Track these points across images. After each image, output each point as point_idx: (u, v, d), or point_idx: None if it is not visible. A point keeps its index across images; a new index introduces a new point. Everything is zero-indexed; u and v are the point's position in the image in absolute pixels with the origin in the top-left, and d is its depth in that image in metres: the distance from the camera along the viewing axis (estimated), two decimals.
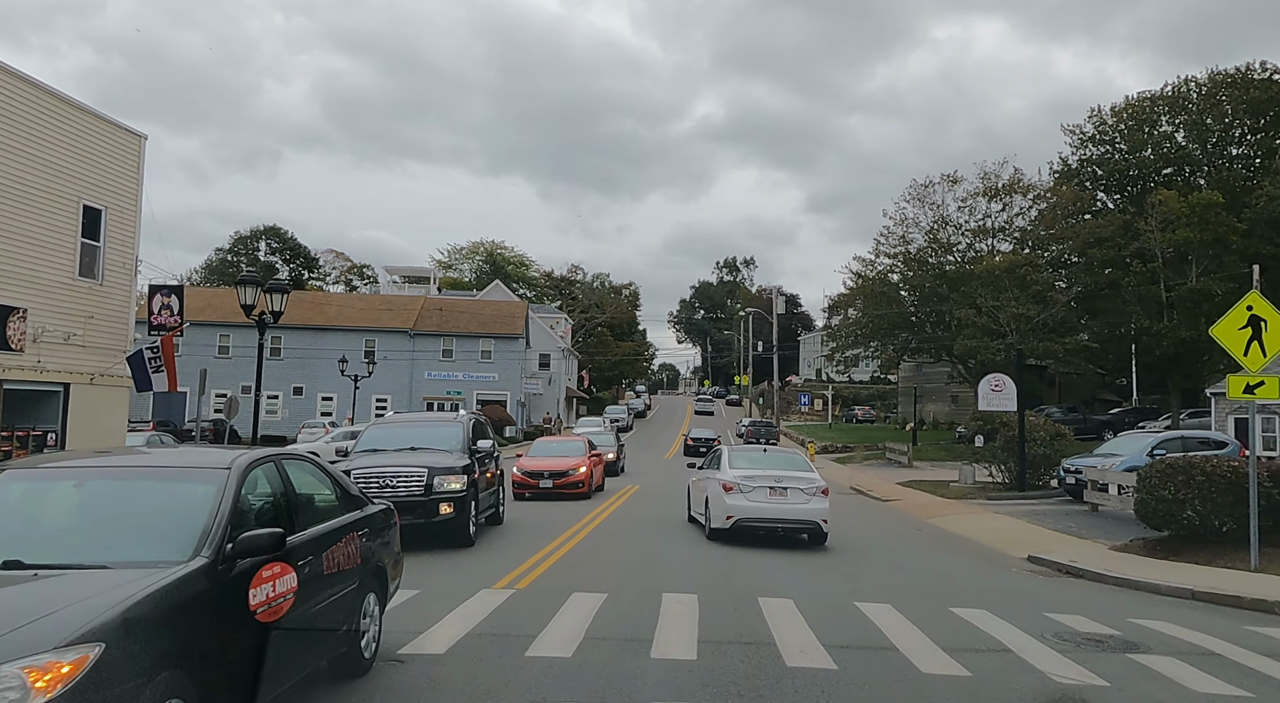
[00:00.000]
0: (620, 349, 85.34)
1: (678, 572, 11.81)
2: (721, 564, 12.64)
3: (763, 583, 11.01)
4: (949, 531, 18.20)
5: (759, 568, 12.39)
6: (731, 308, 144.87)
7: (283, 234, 78.94)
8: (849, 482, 30.47)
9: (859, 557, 14.46)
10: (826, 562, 13.61)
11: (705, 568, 12.26)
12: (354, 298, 61.10)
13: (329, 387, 53.41)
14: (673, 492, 22.53)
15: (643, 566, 12.37)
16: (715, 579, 11.26)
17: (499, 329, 55.38)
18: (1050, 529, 17.15)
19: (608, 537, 15.80)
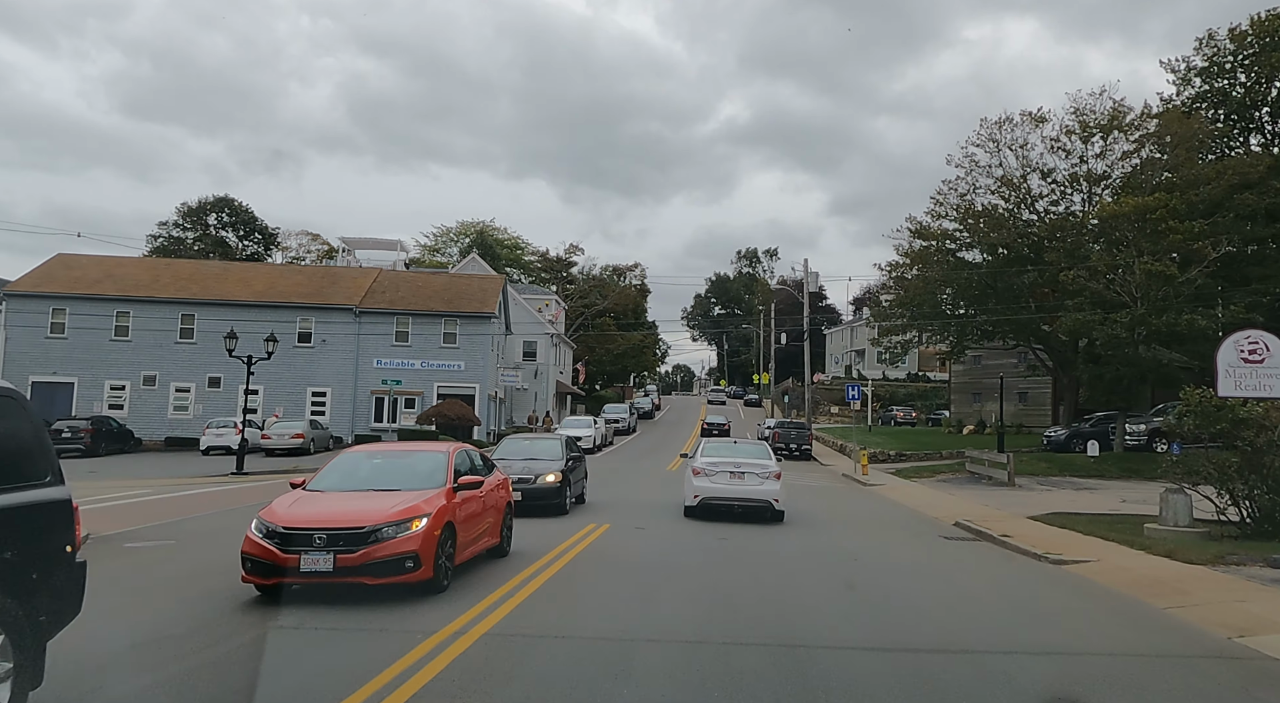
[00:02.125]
0: (625, 341, 74.65)
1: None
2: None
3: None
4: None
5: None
6: (750, 303, 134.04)
7: (236, 206, 68.88)
8: (948, 513, 19.73)
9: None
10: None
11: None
12: (290, 270, 50.92)
13: (256, 377, 42.96)
14: (671, 560, 12.78)
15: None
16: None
17: (466, 307, 44.88)
18: None
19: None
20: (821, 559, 13.05)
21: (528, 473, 16.74)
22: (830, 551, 14.06)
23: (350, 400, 43.38)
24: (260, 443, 36.76)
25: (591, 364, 74.01)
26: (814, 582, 11.22)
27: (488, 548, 11.06)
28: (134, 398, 41.93)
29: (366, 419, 43.25)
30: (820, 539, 15.46)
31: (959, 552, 14.33)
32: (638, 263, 77.09)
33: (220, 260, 46.12)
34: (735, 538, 14.72)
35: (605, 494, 22.15)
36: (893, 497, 24.87)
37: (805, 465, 39.74)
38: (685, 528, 16.23)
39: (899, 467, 36.36)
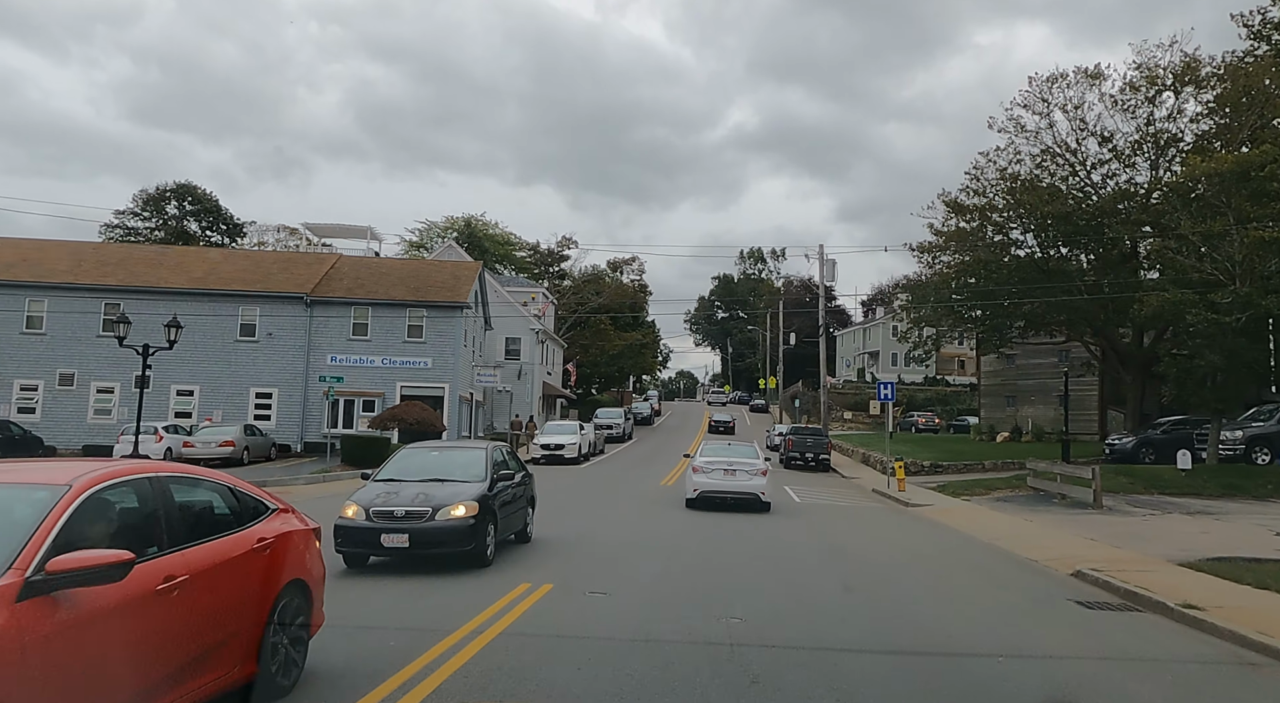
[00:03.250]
0: (622, 340, 68.89)
1: None
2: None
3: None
4: None
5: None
6: (755, 306, 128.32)
7: (199, 194, 63.34)
8: (1051, 553, 13.91)
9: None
10: None
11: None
12: (236, 255, 45.16)
13: (189, 375, 37.45)
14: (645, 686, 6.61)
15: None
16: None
17: (435, 296, 39.23)
18: None
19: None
20: (922, 672, 7.30)
21: (422, 504, 11.02)
22: (917, 635, 8.36)
23: (300, 402, 37.73)
24: (183, 452, 31.13)
25: (585, 366, 68.31)
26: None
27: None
28: (48, 399, 36.33)
29: (319, 423, 37.59)
30: (893, 608, 9.74)
31: (1133, 641, 8.56)
32: (635, 256, 71.32)
33: (158, 244, 40.63)
34: (767, 626, 8.65)
35: (569, 525, 16.45)
36: (953, 524, 19.14)
37: (825, 479, 33.98)
38: (676, 588, 10.54)
39: (939, 481, 30.60)
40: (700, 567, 12.06)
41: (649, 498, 23.07)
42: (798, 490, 26.73)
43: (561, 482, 28.27)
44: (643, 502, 21.92)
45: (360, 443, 29.33)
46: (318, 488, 25.43)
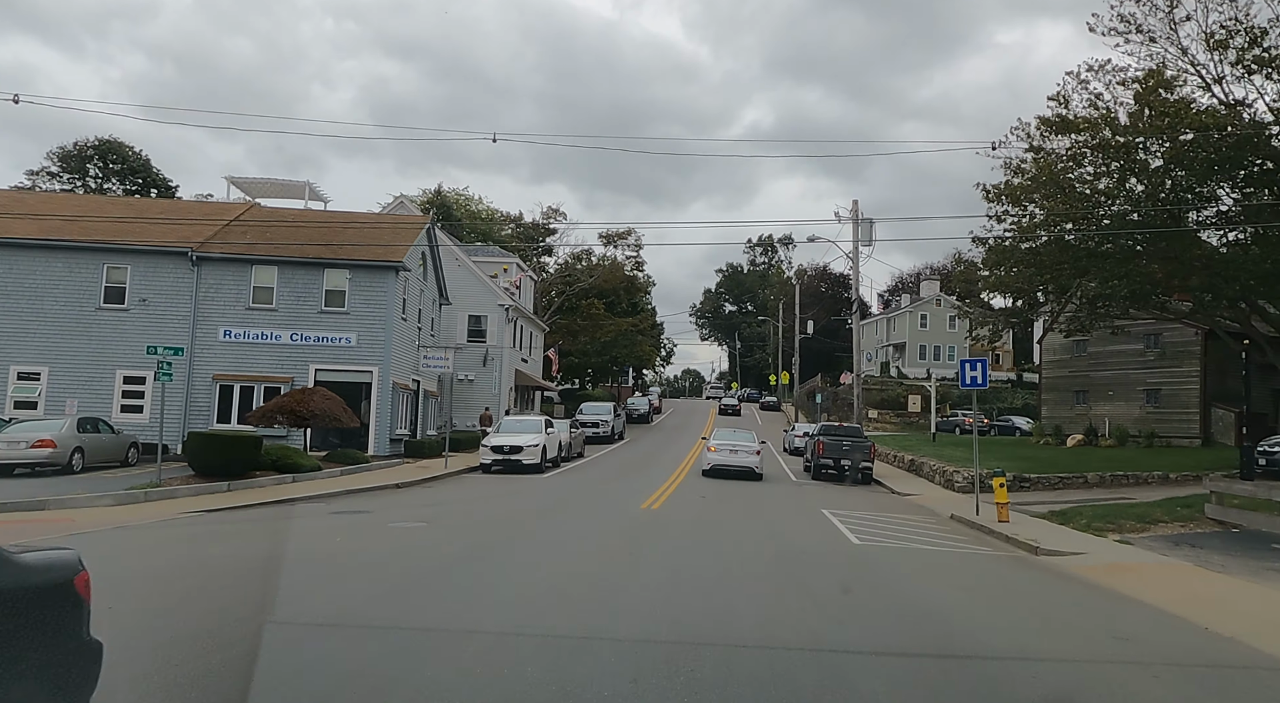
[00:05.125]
0: (616, 326, 59.96)
1: None
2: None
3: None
4: None
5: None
6: (765, 297, 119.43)
7: (127, 152, 54.65)
8: None
9: None
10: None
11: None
12: (109, 201, 36.19)
13: (35, 353, 28.69)
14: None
15: None
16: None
17: (363, 254, 30.41)
18: None
19: None
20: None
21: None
22: None
23: (183, 389, 28.92)
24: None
25: (573, 355, 59.42)
26: None
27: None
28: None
29: (208, 415, 28.84)
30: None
31: None
32: (630, 229, 62.34)
33: (16, 191, 31.95)
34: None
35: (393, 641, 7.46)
36: (1183, 611, 10.09)
37: (872, 496, 25.07)
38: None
39: (1040, 502, 21.63)
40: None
41: (619, 535, 14.15)
42: (846, 518, 17.83)
43: (495, 504, 19.41)
44: (605, 548, 12.96)
45: (218, 445, 20.49)
46: (128, 512, 16.70)
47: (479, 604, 8.36)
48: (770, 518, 18.18)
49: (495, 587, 9.26)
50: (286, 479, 21.67)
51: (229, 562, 11.01)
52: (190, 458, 20.71)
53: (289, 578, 9.47)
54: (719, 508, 19.61)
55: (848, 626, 8.29)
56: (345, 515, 16.38)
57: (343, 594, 8.67)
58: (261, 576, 9.76)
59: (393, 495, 20.55)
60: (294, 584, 9.08)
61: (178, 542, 13.31)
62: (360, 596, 8.59)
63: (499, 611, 8.15)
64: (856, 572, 11.66)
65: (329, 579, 9.56)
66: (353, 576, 9.89)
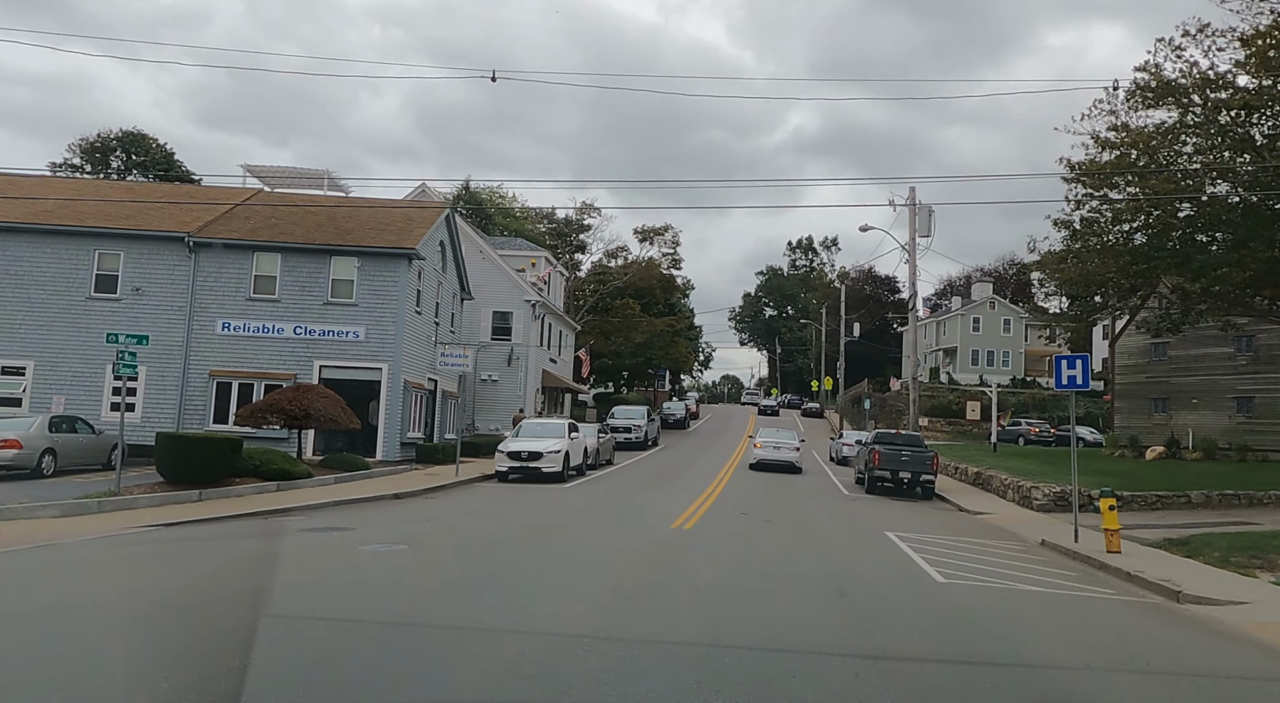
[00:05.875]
0: (650, 326, 57.06)
1: None
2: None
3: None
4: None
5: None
6: (806, 301, 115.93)
7: (151, 145, 53.12)
8: None
9: None
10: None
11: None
12: (108, 186, 34.16)
13: (21, 345, 26.58)
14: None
15: None
16: None
17: (373, 240, 27.93)
18: None
19: None
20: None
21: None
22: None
23: (177, 385, 26.66)
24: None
25: (606, 357, 56.61)
26: None
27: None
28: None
29: (204, 414, 26.53)
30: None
31: None
32: (668, 225, 59.42)
33: (13, 174, 30.08)
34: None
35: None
36: None
37: (939, 514, 21.87)
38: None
39: (1135, 525, 18.33)
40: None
41: (639, 566, 11.22)
42: (917, 545, 14.74)
43: (496, 520, 16.61)
44: (619, 587, 9.99)
45: (188, 448, 17.94)
46: (71, 525, 14.22)
47: (410, 689, 5.52)
48: (827, 543, 15.15)
49: (448, 661, 6.42)
50: (270, 487, 19.10)
51: (124, 603, 8.32)
52: (159, 462, 18.21)
53: (186, 630, 6.78)
54: (763, 529, 16.61)
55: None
56: (317, 534, 13.70)
57: (222, 672, 5.89)
58: (149, 627, 7.08)
59: (385, 509, 17.85)
60: (188, 639, 6.36)
61: (94, 569, 10.69)
62: (255, 669, 5.81)
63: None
64: (960, 632, 8.63)
65: (229, 636, 6.80)
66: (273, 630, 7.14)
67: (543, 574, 10.47)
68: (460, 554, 11.90)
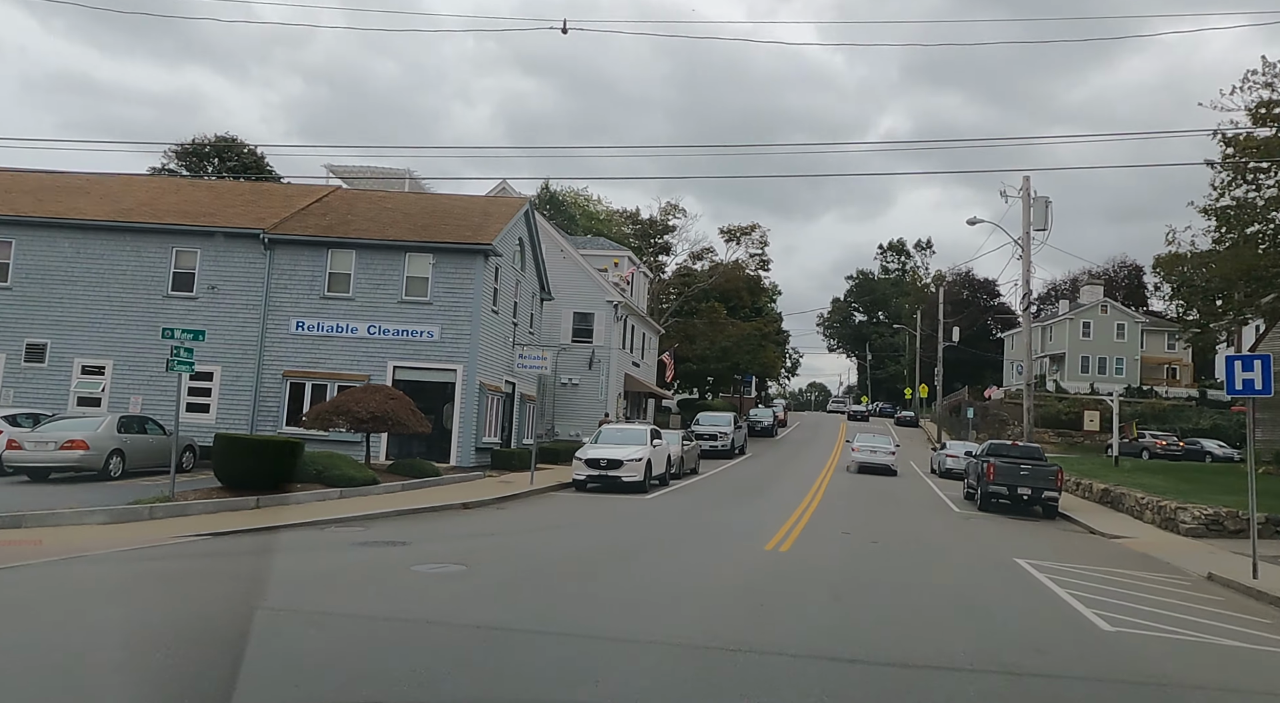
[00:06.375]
0: (737, 329, 54.98)
1: None
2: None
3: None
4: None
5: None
6: (899, 306, 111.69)
7: (244, 151, 53.91)
8: None
9: None
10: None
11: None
12: (190, 184, 34.07)
13: (101, 344, 26.35)
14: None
15: None
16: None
17: (448, 236, 26.82)
18: None
19: None
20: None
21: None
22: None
23: (251, 386, 26.03)
24: (8, 456, 19.68)
25: (691, 362, 54.74)
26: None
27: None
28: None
29: (277, 415, 25.80)
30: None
31: None
32: (755, 224, 57.20)
33: (99, 173, 30.21)
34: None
35: None
36: None
37: (1067, 536, 19.25)
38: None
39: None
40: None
41: (732, 601, 9.32)
42: (1059, 576, 12.43)
43: (569, 537, 14.94)
44: (708, 628, 8.08)
45: (245, 451, 16.87)
46: (117, 533, 13.27)
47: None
48: (949, 573, 12.98)
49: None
50: (332, 494, 17.92)
51: (103, 639, 6.92)
52: (216, 466, 17.21)
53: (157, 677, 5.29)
54: (871, 553, 14.51)
55: None
56: (369, 549, 12.29)
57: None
58: (113, 675, 5.61)
59: (451, 520, 16.43)
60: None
61: (104, 590, 9.42)
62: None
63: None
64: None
65: (206, 688, 5.26)
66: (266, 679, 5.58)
67: (610, 613, 8.71)
68: (519, 581, 10.24)
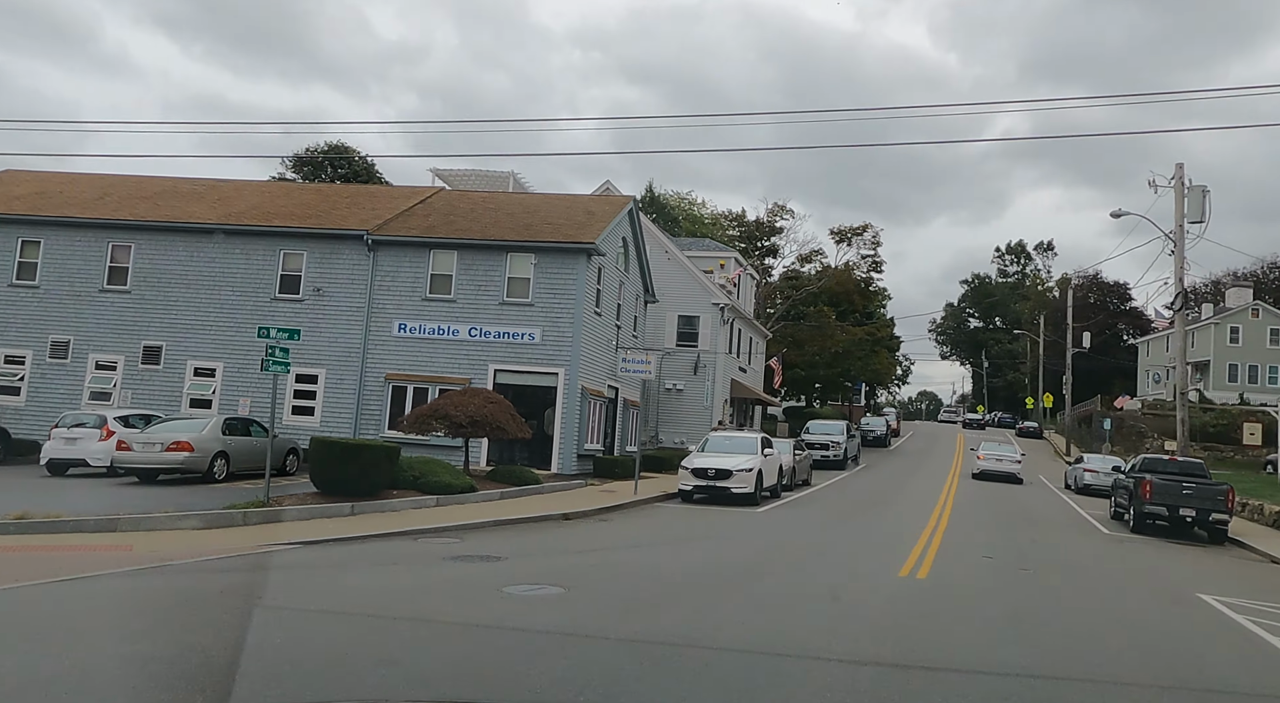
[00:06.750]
0: (850, 335, 52.65)
1: None
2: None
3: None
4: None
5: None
6: (1018, 311, 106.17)
7: (355, 160, 55.04)
8: None
9: None
10: None
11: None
12: (299, 189, 34.31)
13: (212, 347, 26.62)
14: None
15: None
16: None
17: (550, 235, 25.99)
18: None
19: None
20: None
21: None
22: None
23: (354, 389, 25.79)
24: (119, 457, 19.78)
25: (798, 368, 52.71)
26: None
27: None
28: (36, 375, 26.81)
29: (380, 419, 25.47)
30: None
31: None
32: (867, 224, 54.71)
33: (215, 179, 30.86)
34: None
35: None
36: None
37: (1256, 569, 16.70)
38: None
39: None
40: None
41: (876, 637, 7.80)
42: (1258, 616, 10.36)
43: (679, 554, 13.58)
44: (851, 682, 6.68)
45: (340, 455, 16.24)
46: (209, 539, 12.78)
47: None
48: (1126, 611, 11.04)
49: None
50: (428, 502, 17.15)
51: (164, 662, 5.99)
52: (312, 471, 16.69)
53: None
54: (1023, 582, 12.65)
55: None
56: (460, 564, 11.30)
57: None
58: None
59: (550, 532, 15.36)
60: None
61: (184, 602, 8.64)
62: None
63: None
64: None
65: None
66: None
67: (725, 649, 7.32)
68: (623, 608, 8.98)
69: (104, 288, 26.86)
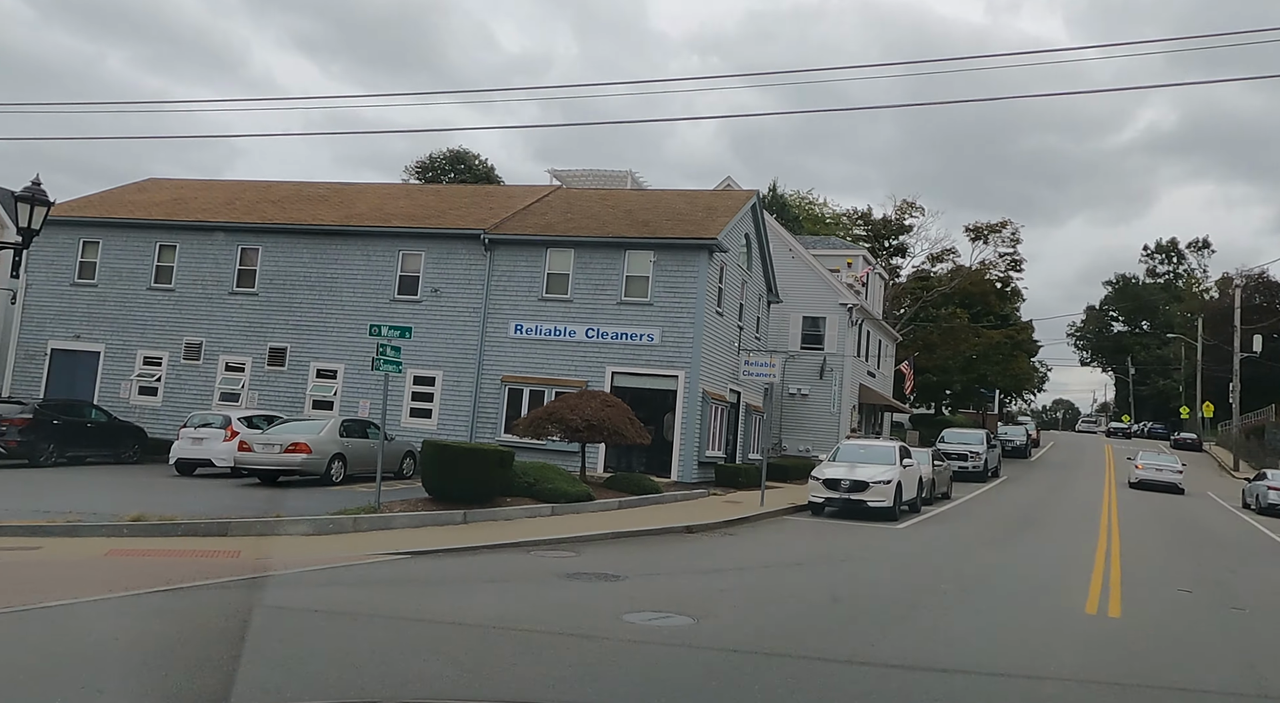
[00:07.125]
0: (985, 338, 49.32)
1: None
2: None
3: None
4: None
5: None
6: (1169, 314, 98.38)
7: (472, 162, 55.63)
8: None
9: None
10: None
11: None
12: (419, 190, 34.07)
13: (334, 349, 26.67)
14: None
15: None
16: None
17: (669, 231, 24.79)
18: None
19: None
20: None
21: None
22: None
23: (471, 391, 25.27)
24: (239, 458, 19.74)
25: (929, 373, 49.75)
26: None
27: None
28: (171, 376, 27.51)
29: (496, 422, 24.85)
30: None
31: None
32: (1006, 220, 51.15)
33: (339, 182, 31.21)
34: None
35: None
36: None
37: None
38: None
39: None
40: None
41: (1082, 678, 6.17)
42: None
43: (817, 578, 12.03)
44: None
45: (453, 461, 15.42)
46: (318, 546, 12.19)
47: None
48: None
49: None
50: (543, 511, 16.16)
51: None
52: (423, 476, 15.98)
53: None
54: (1241, 621, 10.55)
55: None
56: (576, 583, 10.16)
57: None
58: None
59: (673, 547, 14.08)
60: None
61: (277, 622, 7.79)
62: None
63: None
64: None
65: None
66: None
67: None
68: (763, 647, 7.57)
69: (233, 290, 27.34)
